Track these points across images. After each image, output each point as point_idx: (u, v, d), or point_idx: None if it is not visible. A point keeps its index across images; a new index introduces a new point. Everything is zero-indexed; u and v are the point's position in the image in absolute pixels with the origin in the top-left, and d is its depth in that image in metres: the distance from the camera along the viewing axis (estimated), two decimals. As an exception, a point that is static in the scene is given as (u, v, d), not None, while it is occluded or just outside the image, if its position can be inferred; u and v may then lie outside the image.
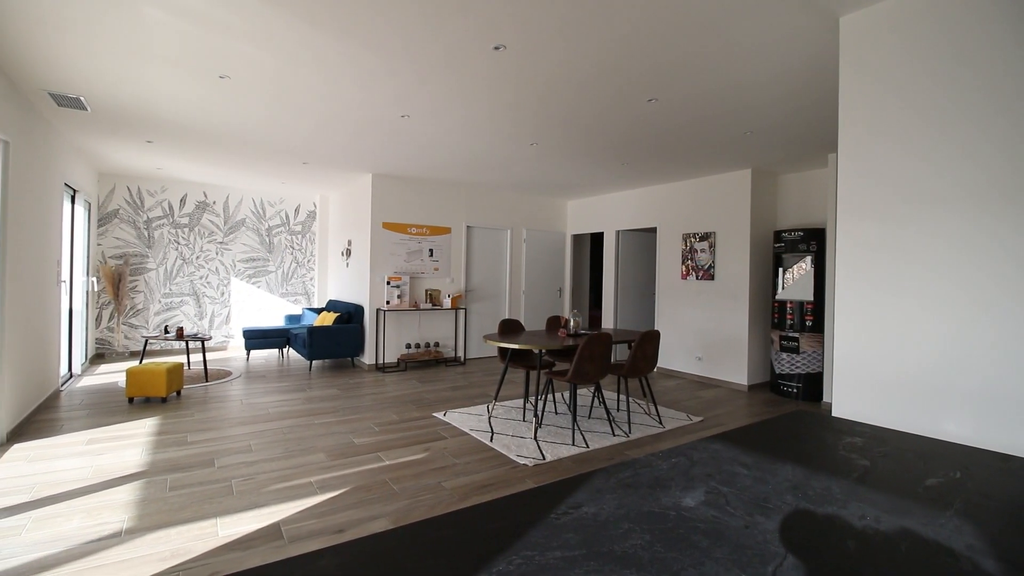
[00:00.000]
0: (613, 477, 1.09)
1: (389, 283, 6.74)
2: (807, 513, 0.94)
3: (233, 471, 3.21)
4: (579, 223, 8.45)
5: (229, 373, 6.22)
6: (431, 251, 7.19)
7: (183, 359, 6.98)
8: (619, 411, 4.79)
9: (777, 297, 5.74)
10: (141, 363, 5.53)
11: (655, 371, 6.87)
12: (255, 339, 7.15)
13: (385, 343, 6.78)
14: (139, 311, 7.38)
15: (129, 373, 4.67)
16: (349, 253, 7.56)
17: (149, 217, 7.44)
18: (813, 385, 5.44)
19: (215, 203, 7.91)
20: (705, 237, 6.33)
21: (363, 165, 6.18)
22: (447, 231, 7.35)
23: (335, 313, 6.85)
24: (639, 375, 4.26)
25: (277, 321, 8.36)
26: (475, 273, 7.71)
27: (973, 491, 1.05)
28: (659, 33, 2.75)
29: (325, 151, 5.52)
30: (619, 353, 7.41)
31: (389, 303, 6.71)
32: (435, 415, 4.56)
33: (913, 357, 2.25)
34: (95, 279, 6.89)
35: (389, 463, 3.40)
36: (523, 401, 4.86)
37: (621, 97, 3.72)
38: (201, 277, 7.81)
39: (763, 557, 0.78)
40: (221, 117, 4.36)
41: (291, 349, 7.91)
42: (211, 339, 6.61)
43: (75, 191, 5.77)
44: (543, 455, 3.58)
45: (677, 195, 6.75)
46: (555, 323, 5.25)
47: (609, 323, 7.74)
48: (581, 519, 0.90)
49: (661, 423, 4.43)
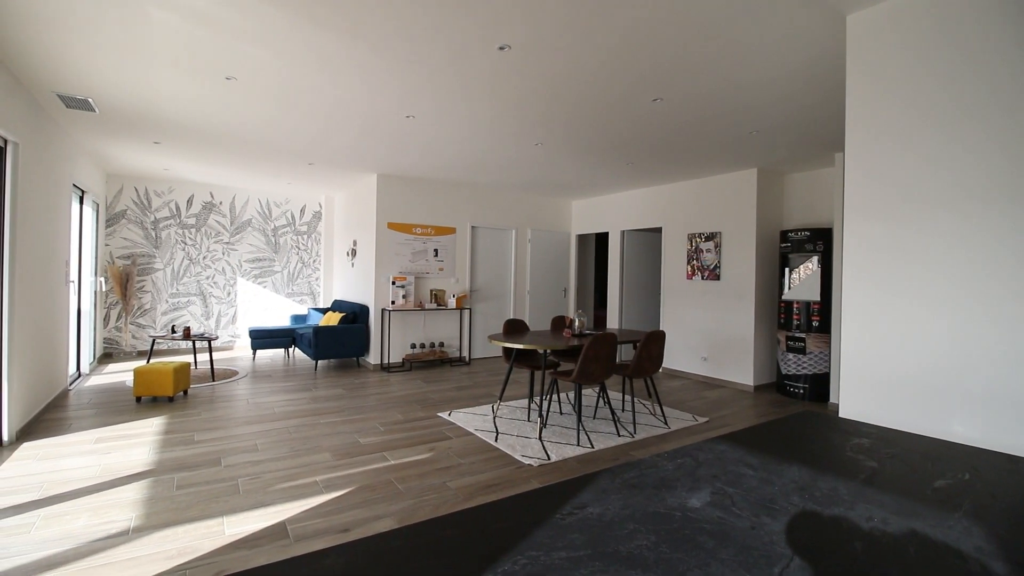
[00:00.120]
0: (618, 477, 1.08)
1: (394, 283, 6.75)
2: (814, 514, 0.93)
3: (239, 470, 3.23)
4: (584, 223, 8.44)
5: (235, 373, 6.26)
6: (436, 251, 7.20)
7: (190, 359, 7.03)
8: (624, 411, 4.78)
9: (783, 297, 5.71)
10: (148, 363, 5.58)
11: (660, 371, 6.85)
12: (261, 339, 7.18)
13: (390, 343, 6.79)
14: (146, 311, 7.43)
15: (137, 372, 4.71)
16: (354, 253, 7.57)
17: (156, 218, 7.50)
18: (820, 386, 5.41)
19: (221, 204, 7.96)
20: (711, 237, 6.30)
21: (368, 165, 6.20)
22: (452, 231, 7.35)
23: (340, 313, 6.87)
24: (644, 375, 4.24)
25: (283, 321, 8.39)
26: (480, 273, 7.71)
27: (982, 493, 1.04)
28: (664, 32, 2.74)
29: (330, 152, 5.54)
30: (624, 353, 7.39)
31: (394, 303, 6.72)
32: (440, 415, 4.56)
33: (920, 358, 2.24)
34: (103, 279, 6.95)
35: (394, 463, 3.41)
36: (528, 401, 4.86)
37: (626, 97, 3.71)
38: (208, 277, 7.86)
39: (769, 558, 0.78)
40: (227, 118, 4.38)
41: (297, 349, 7.94)
42: (217, 339, 6.65)
43: (83, 192, 5.83)
44: (548, 455, 3.58)
45: (682, 195, 6.73)
46: (560, 323, 5.25)
47: (614, 323, 7.72)
48: (586, 519, 0.90)
49: (666, 424, 4.42)
